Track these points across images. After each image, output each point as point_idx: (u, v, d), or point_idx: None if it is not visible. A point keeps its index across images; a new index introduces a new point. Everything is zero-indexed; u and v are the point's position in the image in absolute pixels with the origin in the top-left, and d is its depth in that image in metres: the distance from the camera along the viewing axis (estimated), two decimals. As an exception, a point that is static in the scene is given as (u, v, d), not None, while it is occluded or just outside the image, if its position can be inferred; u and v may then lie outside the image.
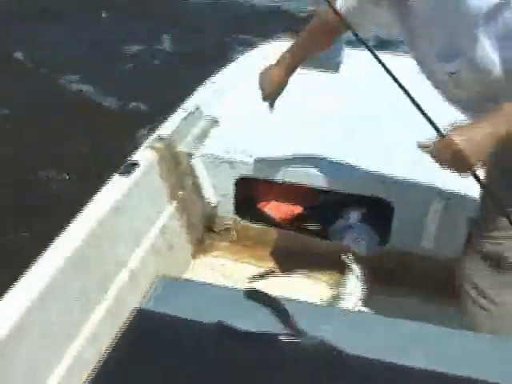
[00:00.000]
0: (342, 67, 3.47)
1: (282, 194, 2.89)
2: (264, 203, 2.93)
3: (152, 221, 2.56)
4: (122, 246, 2.33)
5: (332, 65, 3.51)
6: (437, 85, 1.94)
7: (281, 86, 2.36)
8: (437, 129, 1.62)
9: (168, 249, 2.63)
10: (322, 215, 2.91)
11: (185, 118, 2.86)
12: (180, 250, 2.76)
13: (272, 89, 2.36)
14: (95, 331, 2.05)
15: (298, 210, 2.94)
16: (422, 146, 1.71)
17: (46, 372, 1.84)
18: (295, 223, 2.93)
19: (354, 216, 2.88)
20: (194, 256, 2.88)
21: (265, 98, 2.40)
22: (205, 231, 2.95)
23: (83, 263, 2.05)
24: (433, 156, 1.67)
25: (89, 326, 2.05)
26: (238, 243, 2.94)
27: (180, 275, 2.72)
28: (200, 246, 2.91)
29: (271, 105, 2.43)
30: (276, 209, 2.93)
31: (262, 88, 2.37)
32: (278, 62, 2.35)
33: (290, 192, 2.86)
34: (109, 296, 2.18)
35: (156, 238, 2.54)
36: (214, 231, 2.95)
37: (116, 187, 2.35)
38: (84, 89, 5.85)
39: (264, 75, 2.37)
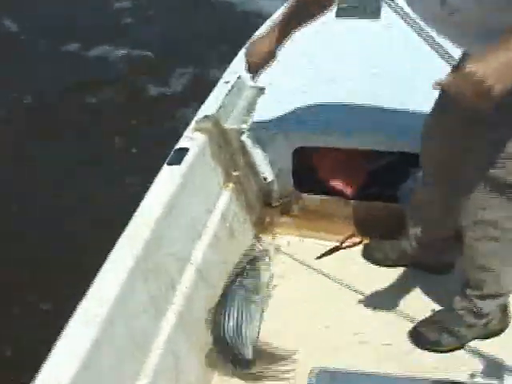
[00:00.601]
0: (382, 12, 3.20)
1: (343, 161, 2.69)
2: (324, 173, 2.73)
3: (210, 209, 2.39)
4: (182, 242, 2.17)
5: (371, 10, 3.25)
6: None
7: (269, 58, 2.15)
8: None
9: (230, 235, 2.47)
10: (388, 178, 2.70)
11: (229, 92, 2.65)
12: (242, 234, 2.59)
13: (259, 60, 2.15)
14: (170, 338, 1.93)
15: (361, 175, 2.74)
16: (438, 84, 1.47)
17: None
18: (359, 190, 2.73)
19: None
20: (256, 237, 2.71)
21: (250, 70, 2.21)
22: (264, 209, 2.77)
23: (147, 270, 1.89)
24: (451, 91, 1.45)
25: (163, 334, 1.92)
26: (300, 218, 2.76)
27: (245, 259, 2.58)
28: (261, 226, 2.74)
29: (254, 77, 2.25)
30: (338, 177, 2.73)
31: (248, 59, 2.17)
32: (268, 31, 2.13)
33: (352, 158, 2.66)
34: (178, 299, 2.04)
35: (216, 226, 2.38)
36: (273, 208, 2.77)
37: (168, 180, 2.18)
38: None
39: (252, 45, 2.17)
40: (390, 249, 2.50)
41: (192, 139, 2.38)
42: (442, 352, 2.18)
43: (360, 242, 2.64)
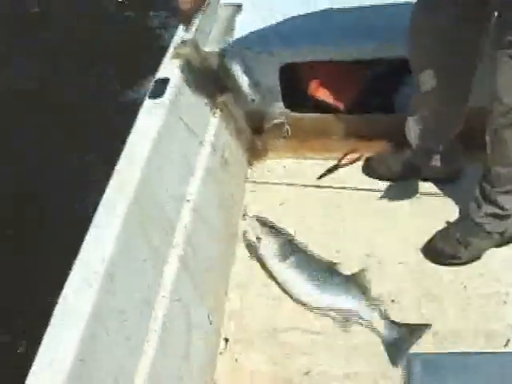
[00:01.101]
0: None
1: (333, 75, 2.53)
2: (315, 89, 2.57)
3: (199, 140, 2.24)
4: (175, 180, 2.03)
5: None
6: None
7: (200, 2, 2.04)
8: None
9: (223, 165, 2.34)
10: (382, 88, 2.55)
11: (203, 13, 2.44)
12: (235, 163, 2.46)
13: (190, 5, 1.96)
14: (175, 285, 1.81)
15: (354, 88, 2.58)
16: None
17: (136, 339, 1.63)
18: (354, 103, 2.58)
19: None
20: (250, 163, 2.58)
21: (183, 19, 2.10)
22: (255, 134, 2.62)
23: (142, 215, 1.76)
24: None
25: (167, 281, 1.80)
26: (293, 139, 2.62)
27: (241, 191, 2.46)
28: (254, 152, 2.61)
29: (187, 25, 2.15)
30: (329, 92, 2.57)
31: (180, 6, 1.95)
32: None
33: (342, 71, 2.49)
34: (178, 240, 1.92)
35: (208, 157, 2.23)
36: (264, 132, 2.62)
37: (152, 114, 2.01)
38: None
39: None
40: (393, 162, 2.38)
41: (172, 68, 2.20)
42: (459, 265, 2.09)
43: (359, 158, 2.52)
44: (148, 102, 2.06)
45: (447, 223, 2.19)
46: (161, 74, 2.17)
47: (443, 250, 2.11)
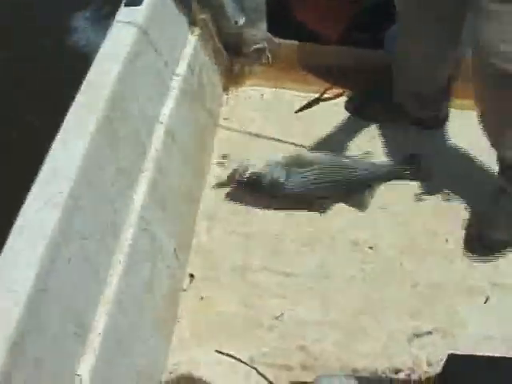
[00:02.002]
0: None
1: (323, 3, 2.34)
2: (302, 15, 2.39)
3: (175, 58, 2.05)
4: (149, 98, 1.85)
5: None
6: None
7: None
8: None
9: (199, 87, 2.15)
10: (373, 22, 2.39)
11: None
12: (211, 86, 2.28)
13: None
14: (143, 210, 1.66)
15: (343, 19, 2.40)
16: None
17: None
18: (341, 35, 2.41)
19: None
20: (225, 89, 2.40)
21: None
22: (235, 58, 2.44)
23: (112, 133, 1.59)
24: None
25: (135, 207, 1.65)
26: (274, 66, 2.45)
27: (215, 117, 2.28)
28: (231, 77, 2.43)
29: None
30: (317, 20, 2.40)
31: None
32: None
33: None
34: (149, 165, 1.75)
35: (183, 78, 2.04)
36: (244, 56, 2.43)
37: (127, 25, 1.81)
38: None
39: None
40: (378, 103, 2.23)
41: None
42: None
43: (341, 94, 2.37)
44: (124, 10, 1.85)
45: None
46: None
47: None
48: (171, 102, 1.95)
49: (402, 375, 1.68)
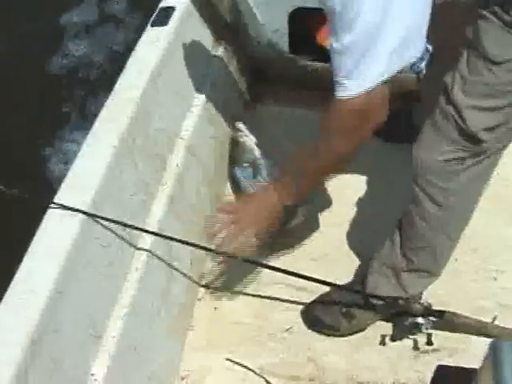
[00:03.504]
0: None
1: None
2: (324, 38, 2.45)
3: (199, 76, 2.13)
4: (171, 115, 1.94)
5: None
6: None
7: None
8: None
9: (220, 105, 2.23)
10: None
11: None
12: (232, 104, 2.36)
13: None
14: (161, 224, 1.74)
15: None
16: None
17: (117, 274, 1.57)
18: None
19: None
20: (246, 108, 2.47)
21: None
22: (256, 77, 2.51)
23: (134, 149, 1.68)
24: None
25: (153, 220, 1.73)
26: (297, 87, 2.47)
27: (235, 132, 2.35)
28: (252, 96, 2.50)
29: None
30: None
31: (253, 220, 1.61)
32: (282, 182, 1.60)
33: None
34: (169, 179, 1.84)
35: (206, 95, 2.13)
36: (266, 75, 2.50)
37: (153, 43, 1.90)
38: None
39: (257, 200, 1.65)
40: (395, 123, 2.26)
41: (178, -3, 2.08)
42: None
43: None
44: (149, 30, 1.94)
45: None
46: (166, 1, 2.05)
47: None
48: (193, 119, 2.03)
49: (406, 390, 1.73)
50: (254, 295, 1.93)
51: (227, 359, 1.78)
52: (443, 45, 1.70)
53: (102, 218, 1.47)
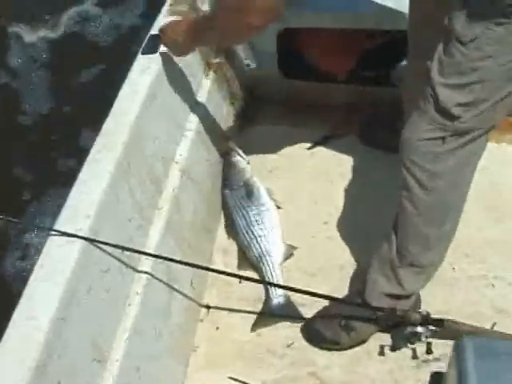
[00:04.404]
0: None
1: (332, 43, 2.45)
2: (313, 56, 2.50)
3: (190, 101, 2.17)
4: (165, 140, 1.97)
5: None
6: None
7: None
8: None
9: (213, 128, 2.27)
10: (381, 60, 2.48)
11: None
12: (226, 127, 2.40)
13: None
14: (159, 247, 1.77)
15: (352, 57, 2.50)
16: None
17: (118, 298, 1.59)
18: (351, 73, 2.52)
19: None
20: (240, 129, 2.52)
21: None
22: (247, 99, 2.56)
23: (129, 174, 1.71)
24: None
25: (151, 243, 1.76)
26: (287, 106, 2.56)
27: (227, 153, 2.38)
28: (246, 118, 2.54)
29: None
30: (327, 60, 2.50)
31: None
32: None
33: (342, 39, 2.42)
34: (165, 202, 1.87)
35: (199, 119, 2.17)
36: (257, 97, 2.56)
37: (144, 71, 1.94)
38: None
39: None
40: (388, 137, 2.31)
41: (166, 24, 2.12)
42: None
43: (352, 130, 2.46)
44: (140, 59, 1.98)
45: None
46: (155, 30, 2.09)
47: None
48: (187, 143, 2.07)
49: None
50: (253, 312, 1.96)
51: (230, 377, 1.80)
52: (419, 40, 1.84)
53: (101, 243, 1.50)
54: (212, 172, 2.23)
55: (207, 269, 1.81)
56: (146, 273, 1.68)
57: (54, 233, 1.47)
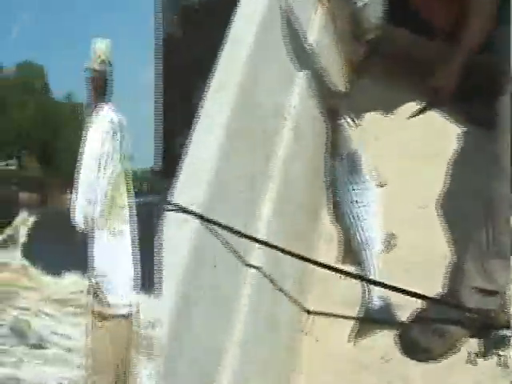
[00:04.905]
0: None
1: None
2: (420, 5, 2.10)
3: (301, 40, 1.89)
4: (277, 84, 1.72)
5: None
6: None
7: None
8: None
9: (322, 74, 2.01)
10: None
11: None
12: (334, 74, 2.11)
13: None
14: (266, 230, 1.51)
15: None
16: None
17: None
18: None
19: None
20: (347, 76, 2.22)
21: None
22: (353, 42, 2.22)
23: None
24: None
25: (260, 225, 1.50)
26: (390, 56, 2.17)
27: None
28: (351, 65, 2.23)
29: None
30: (435, 11, 2.09)
31: None
32: None
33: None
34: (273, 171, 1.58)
35: (308, 63, 1.91)
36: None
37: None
38: None
39: None
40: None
41: None
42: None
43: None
44: None
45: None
46: None
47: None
48: (299, 90, 1.84)
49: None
50: (350, 317, 1.72)
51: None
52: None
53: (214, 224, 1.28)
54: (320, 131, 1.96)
55: (316, 263, 1.52)
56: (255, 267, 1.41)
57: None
